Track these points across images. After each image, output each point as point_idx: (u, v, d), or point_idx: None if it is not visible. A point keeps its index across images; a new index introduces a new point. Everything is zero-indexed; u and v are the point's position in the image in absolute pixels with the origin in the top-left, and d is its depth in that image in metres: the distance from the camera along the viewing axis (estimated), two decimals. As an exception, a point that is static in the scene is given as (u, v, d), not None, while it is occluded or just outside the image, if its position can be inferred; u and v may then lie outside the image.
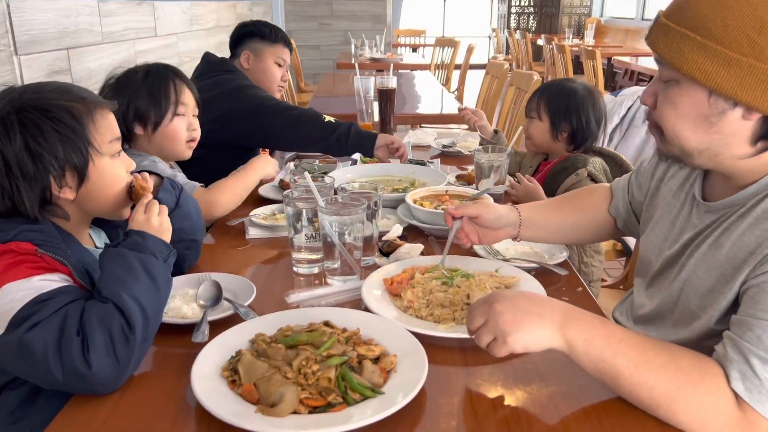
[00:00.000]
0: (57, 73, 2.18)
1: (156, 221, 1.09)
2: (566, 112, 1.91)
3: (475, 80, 6.63)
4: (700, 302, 1.01)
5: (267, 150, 2.37)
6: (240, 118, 2.16)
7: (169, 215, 1.15)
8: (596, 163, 1.86)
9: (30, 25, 2.01)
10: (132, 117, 1.62)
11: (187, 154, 1.72)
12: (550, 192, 1.82)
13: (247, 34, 2.41)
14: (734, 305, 0.93)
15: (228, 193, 1.68)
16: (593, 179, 1.81)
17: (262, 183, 1.89)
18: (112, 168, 1.12)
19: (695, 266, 1.02)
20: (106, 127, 1.11)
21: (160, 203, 1.14)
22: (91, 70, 2.45)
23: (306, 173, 1.39)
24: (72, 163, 1.05)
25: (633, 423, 0.87)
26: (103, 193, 1.11)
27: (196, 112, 1.74)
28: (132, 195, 1.17)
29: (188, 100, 1.69)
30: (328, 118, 2.16)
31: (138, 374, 0.97)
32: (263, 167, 1.83)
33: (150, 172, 1.27)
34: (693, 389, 0.84)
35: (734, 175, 0.99)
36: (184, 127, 1.68)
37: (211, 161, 1.91)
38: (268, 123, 2.15)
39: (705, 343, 0.95)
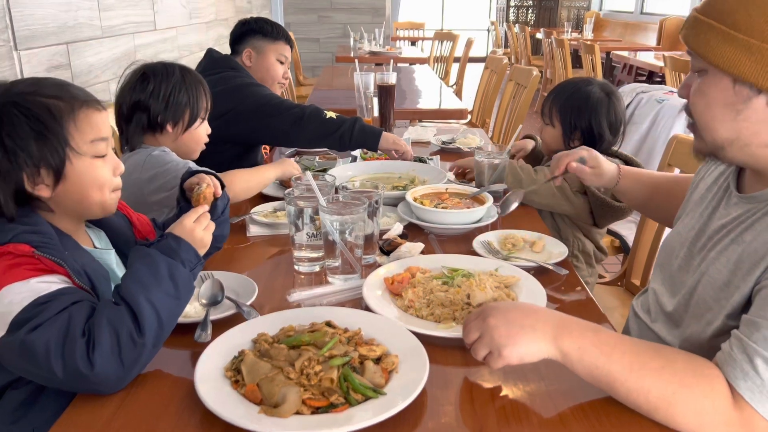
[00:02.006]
0: (56, 68, 2.18)
1: (199, 234, 1.09)
2: (578, 118, 1.82)
3: (473, 74, 6.63)
4: (715, 295, 1.01)
5: (268, 147, 2.37)
6: (243, 116, 2.16)
7: (211, 220, 1.15)
8: None
9: (29, 20, 2.01)
10: (170, 114, 1.62)
11: (197, 155, 1.77)
12: None
13: (248, 31, 2.40)
14: (748, 302, 0.94)
15: (241, 182, 1.69)
16: None
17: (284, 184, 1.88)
18: (92, 169, 1.07)
19: (714, 260, 1.03)
20: (89, 126, 1.06)
21: (214, 209, 1.14)
22: (90, 65, 2.45)
23: (308, 172, 1.39)
24: (47, 162, 1.02)
25: (631, 422, 0.88)
26: (81, 192, 1.07)
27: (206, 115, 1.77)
28: (194, 198, 1.18)
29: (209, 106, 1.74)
30: (329, 114, 2.16)
31: (141, 374, 0.98)
32: (282, 166, 1.83)
33: (214, 175, 1.27)
34: (689, 391, 0.85)
35: (767, 168, 1.00)
36: (205, 132, 1.73)
37: (213, 157, 1.91)
38: (272, 121, 2.15)
39: (714, 342, 0.96)
